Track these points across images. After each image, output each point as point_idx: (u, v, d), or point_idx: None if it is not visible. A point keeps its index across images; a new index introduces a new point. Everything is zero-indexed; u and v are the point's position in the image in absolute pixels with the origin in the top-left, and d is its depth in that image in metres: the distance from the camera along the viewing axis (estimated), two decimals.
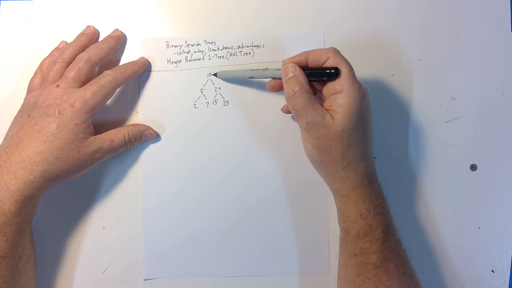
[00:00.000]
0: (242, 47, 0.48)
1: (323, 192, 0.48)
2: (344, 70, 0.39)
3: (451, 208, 0.48)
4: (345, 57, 0.40)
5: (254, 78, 0.45)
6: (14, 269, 0.40)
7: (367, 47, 0.48)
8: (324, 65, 0.40)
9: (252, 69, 0.45)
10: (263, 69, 0.44)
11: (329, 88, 0.40)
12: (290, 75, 0.40)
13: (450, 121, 0.48)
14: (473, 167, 0.48)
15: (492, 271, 0.47)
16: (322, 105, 0.39)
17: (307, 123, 0.39)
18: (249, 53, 0.48)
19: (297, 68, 0.40)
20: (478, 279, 0.47)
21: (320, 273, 0.47)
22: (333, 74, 0.39)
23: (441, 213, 0.48)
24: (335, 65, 0.39)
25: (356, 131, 0.39)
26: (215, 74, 0.48)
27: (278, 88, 0.45)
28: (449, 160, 0.48)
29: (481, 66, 0.48)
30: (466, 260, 0.48)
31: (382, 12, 0.49)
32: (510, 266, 0.47)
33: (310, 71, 0.40)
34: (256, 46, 0.48)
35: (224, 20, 0.49)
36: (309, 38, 0.48)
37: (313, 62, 0.40)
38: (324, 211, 0.48)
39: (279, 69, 0.41)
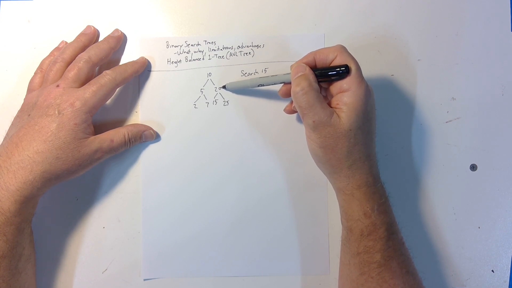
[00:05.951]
0: (242, 47, 0.48)
1: (323, 192, 0.48)
2: (352, 68, 0.38)
3: (451, 208, 0.48)
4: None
5: (263, 85, 0.44)
6: (14, 269, 0.40)
7: (367, 47, 0.48)
8: (332, 64, 0.39)
9: (261, 77, 0.45)
10: (271, 76, 0.44)
11: (336, 86, 0.39)
12: (300, 74, 0.39)
13: (450, 121, 0.48)
14: (473, 167, 0.48)
15: (492, 271, 0.47)
16: (328, 104, 0.39)
17: (313, 121, 0.38)
18: (249, 53, 0.48)
19: (307, 68, 0.39)
20: (478, 279, 0.47)
21: (320, 273, 0.47)
22: (344, 72, 0.38)
23: (441, 213, 0.48)
24: (343, 63, 0.38)
25: (362, 130, 0.39)
26: (224, 87, 0.47)
27: (290, 93, 0.44)
28: (449, 160, 0.48)
29: (481, 66, 0.48)
30: (466, 260, 0.48)
31: (382, 12, 0.49)
32: (510, 266, 0.47)
33: (320, 71, 0.39)
34: (256, 46, 0.48)
35: (224, 20, 0.49)
36: (309, 38, 0.48)
37: (320, 61, 0.40)
38: (324, 211, 0.48)
39: (289, 73, 0.41)
